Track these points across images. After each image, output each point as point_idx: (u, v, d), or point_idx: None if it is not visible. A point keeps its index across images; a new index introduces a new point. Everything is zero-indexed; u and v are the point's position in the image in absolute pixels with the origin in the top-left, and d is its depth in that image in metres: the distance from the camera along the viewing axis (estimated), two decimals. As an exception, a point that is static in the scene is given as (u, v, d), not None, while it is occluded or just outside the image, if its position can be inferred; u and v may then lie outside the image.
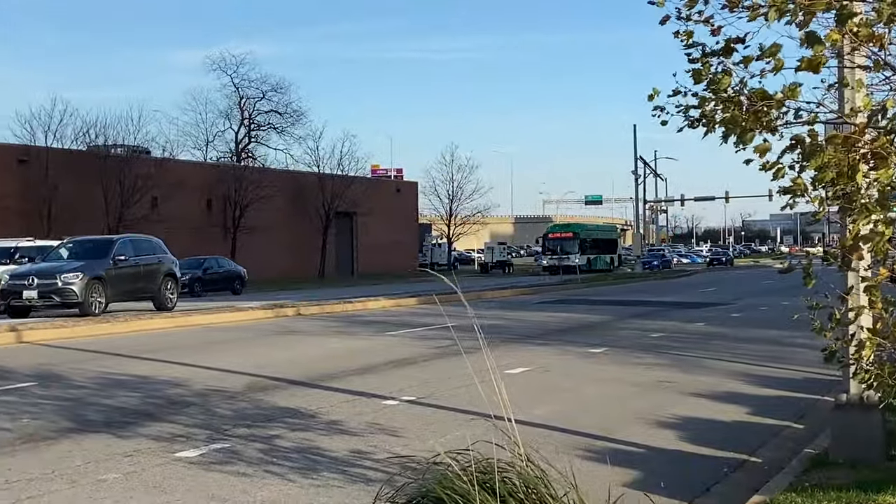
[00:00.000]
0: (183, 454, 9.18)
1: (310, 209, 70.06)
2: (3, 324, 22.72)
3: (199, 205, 63.53)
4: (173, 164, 62.03)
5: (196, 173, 65.22)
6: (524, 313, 29.64)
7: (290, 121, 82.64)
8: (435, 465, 5.00)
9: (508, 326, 23.62)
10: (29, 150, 52.98)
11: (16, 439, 9.95)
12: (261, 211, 64.76)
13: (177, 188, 58.52)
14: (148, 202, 56.62)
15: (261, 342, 20.96)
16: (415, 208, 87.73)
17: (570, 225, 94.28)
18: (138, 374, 15.24)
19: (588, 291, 45.85)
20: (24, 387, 13.87)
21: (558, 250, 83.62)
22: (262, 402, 12.37)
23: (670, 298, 38.39)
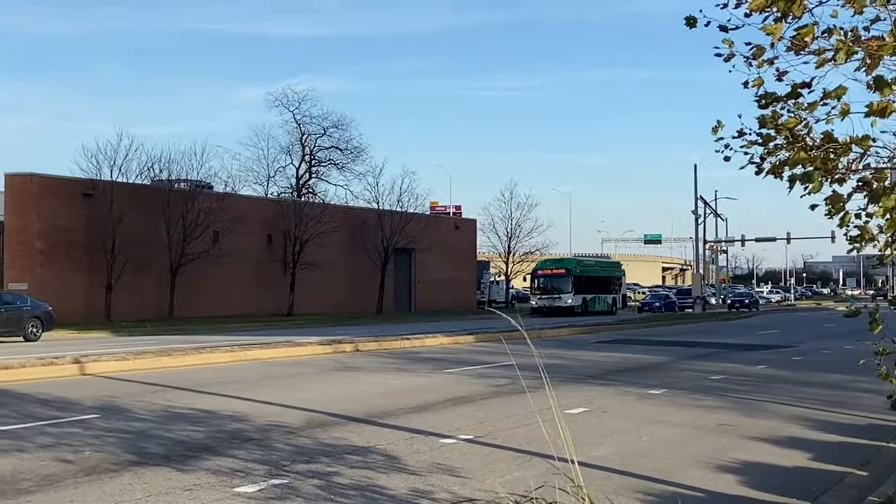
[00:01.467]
0: (242, 489, 9.23)
1: (368, 245, 70.28)
2: (67, 356, 23.01)
3: (259, 240, 64.01)
4: (235, 199, 62.65)
5: (257, 208, 65.77)
6: (582, 352, 29.47)
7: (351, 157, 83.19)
8: (497, 508, 4.98)
9: (566, 366, 23.50)
10: (94, 183, 53.68)
11: (78, 471, 10.06)
12: (320, 246, 65.06)
13: (238, 223, 59.11)
14: (210, 237, 57.24)
15: (320, 378, 21.03)
16: (473, 245, 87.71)
17: (564, 260, 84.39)
18: (199, 407, 15.35)
19: (646, 332, 45.48)
20: (87, 419, 14.03)
21: (549, 288, 75.78)
22: (320, 438, 12.41)
23: (730, 340, 37.97)
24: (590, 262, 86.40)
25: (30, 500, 8.68)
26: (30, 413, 14.58)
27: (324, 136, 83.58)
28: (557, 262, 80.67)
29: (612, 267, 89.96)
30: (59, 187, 52.64)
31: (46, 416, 14.30)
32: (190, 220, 55.61)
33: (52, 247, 51.27)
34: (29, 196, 50.89)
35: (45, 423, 13.47)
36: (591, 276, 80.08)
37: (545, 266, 79.55)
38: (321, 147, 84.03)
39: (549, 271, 77.57)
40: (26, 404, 15.63)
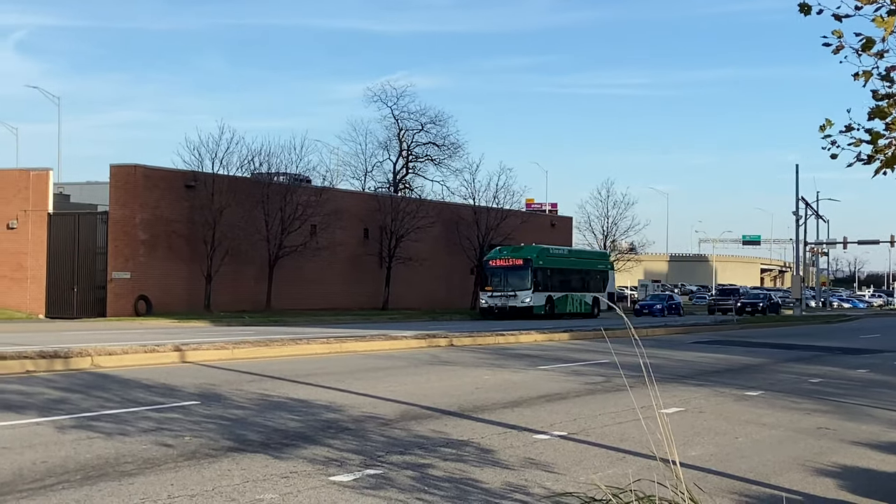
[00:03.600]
0: (337, 478, 9.31)
1: (464, 241, 70.37)
2: (168, 344, 23.46)
3: (355, 233, 64.56)
4: (332, 193, 63.21)
5: (354, 202, 66.28)
6: (677, 352, 29.15)
7: (448, 153, 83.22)
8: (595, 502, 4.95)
9: (662, 365, 23.26)
10: (196, 175, 54.61)
11: (178, 455, 10.25)
12: (416, 241, 65.39)
13: (335, 217, 59.68)
14: (307, 230, 57.91)
15: (414, 371, 21.12)
16: (569, 243, 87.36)
17: (523, 248, 64.66)
18: (296, 397, 15.53)
19: (743, 333, 44.81)
20: (188, 405, 14.29)
21: (502, 284, 60.84)
22: (414, 430, 12.46)
23: (831, 343, 37.25)
24: (560, 252, 68.84)
25: (132, 482, 8.86)
26: (132, 398, 14.90)
27: (421, 132, 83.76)
28: (515, 250, 63.83)
29: (594, 259, 73.21)
30: (162, 179, 53.69)
31: (148, 401, 14.61)
32: (288, 213, 56.29)
33: (154, 237, 52.30)
34: (133, 187, 51.98)
35: (147, 408, 13.76)
36: (562, 270, 65.88)
37: (500, 255, 63.29)
38: (418, 143, 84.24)
39: (503, 262, 62.04)
40: (129, 389, 15.98)
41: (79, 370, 18.99)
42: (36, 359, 18.97)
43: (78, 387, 16.13)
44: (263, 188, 56.54)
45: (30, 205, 51.69)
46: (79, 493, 8.41)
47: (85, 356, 19.87)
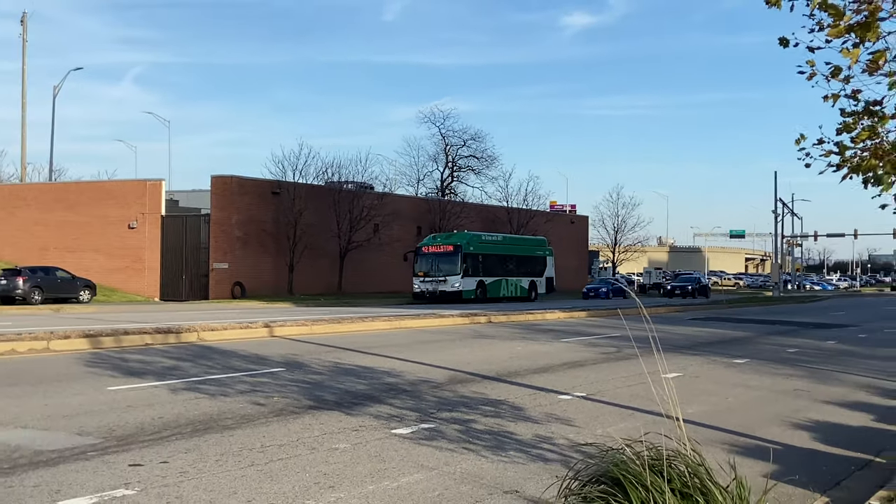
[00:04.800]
0: (397, 431, 9.34)
1: (499, 236, 70.41)
2: (259, 321, 23.63)
3: (410, 231, 64.64)
4: (391, 198, 63.43)
5: (409, 205, 66.42)
6: (676, 327, 28.94)
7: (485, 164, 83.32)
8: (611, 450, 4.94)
9: (662, 338, 22.84)
10: (280, 184, 54.99)
11: (269, 413, 10.33)
12: (460, 237, 65.39)
13: (393, 217, 59.88)
14: (371, 228, 58.16)
15: (459, 343, 21.13)
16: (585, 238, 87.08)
17: (454, 234, 55.69)
18: (362, 364, 15.60)
19: (732, 311, 44.38)
20: (275, 371, 14.39)
21: (433, 269, 52.41)
22: (460, 391, 12.47)
23: (804, 319, 36.80)
24: (493, 239, 58.77)
25: (232, 434, 8.94)
26: (231, 366, 15.02)
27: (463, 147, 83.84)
28: (447, 237, 55.43)
29: (531, 245, 62.41)
30: (252, 187, 54.04)
31: (244, 368, 14.72)
32: (355, 214, 56.55)
33: (246, 234, 52.70)
34: (229, 194, 52.36)
35: (242, 374, 13.87)
36: (496, 256, 56.58)
37: (431, 242, 54.78)
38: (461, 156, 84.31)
39: (435, 248, 53.59)
40: (228, 359, 16.11)
41: (187, 343, 19.17)
42: (153, 334, 19.18)
43: (187, 356, 16.29)
44: (335, 194, 56.81)
45: (146, 209, 52.19)
46: (189, 442, 8.51)
47: (192, 332, 20.06)
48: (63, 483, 6.86)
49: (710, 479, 4.61)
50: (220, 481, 7.03)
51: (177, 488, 6.79)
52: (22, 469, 7.28)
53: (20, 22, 64.41)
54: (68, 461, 7.62)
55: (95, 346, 17.51)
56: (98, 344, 17.63)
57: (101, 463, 7.56)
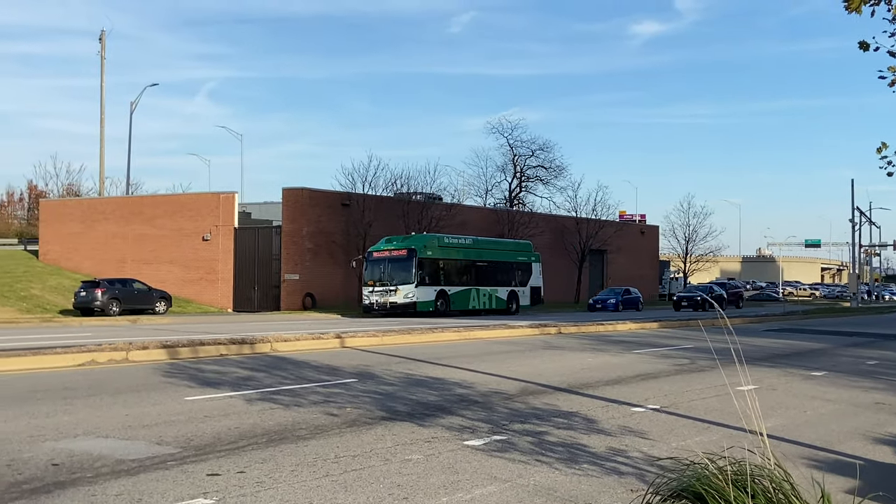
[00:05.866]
0: (470, 442, 9.33)
1: (568, 246, 70.23)
2: (330, 332, 23.84)
3: (479, 241, 64.67)
4: (460, 209, 63.63)
5: (477, 216, 66.49)
6: (751, 339, 28.42)
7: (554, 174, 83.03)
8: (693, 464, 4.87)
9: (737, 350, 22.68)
10: (350, 196, 55.52)
11: (342, 423, 10.40)
12: (529, 247, 65.25)
13: (462, 228, 59.94)
14: (440, 239, 58.25)
15: (529, 354, 21.05)
16: (656, 248, 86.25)
17: (411, 237, 48.16)
18: (433, 375, 15.63)
19: (808, 322, 43.46)
20: (348, 382, 14.49)
21: (383, 278, 45.34)
22: (532, 403, 12.42)
23: (884, 331, 35.86)
24: (459, 242, 49.69)
25: (306, 445, 9.03)
26: (304, 376, 15.18)
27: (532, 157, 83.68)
28: (403, 240, 46.93)
29: (511, 250, 53.92)
30: (322, 199, 54.64)
31: (316, 379, 14.86)
32: (424, 225, 56.75)
33: (317, 246, 53.28)
34: (300, 206, 53.01)
35: (315, 385, 14.00)
36: (464, 262, 48.76)
37: (383, 245, 46.91)
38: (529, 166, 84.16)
39: (385, 253, 45.99)
40: (301, 369, 16.27)
41: (261, 353, 19.42)
42: (228, 344, 19.48)
43: (261, 367, 16.51)
44: (404, 205, 57.14)
45: (220, 221, 53.10)
46: (265, 452, 8.61)
47: (266, 342, 20.32)
48: (144, 492, 7.00)
49: (796, 496, 4.51)
50: (295, 492, 7.11)
51: (254, 498, 6.88)
52: (104, 478, 7.45)
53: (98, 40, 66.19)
54: (148, 470, 7.77)
55: (173, 357, 17.84)
56: (175, 354, 17.96)
57: (180, 472, 7.69)
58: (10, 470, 7.69)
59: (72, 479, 7.37)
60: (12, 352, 16.80)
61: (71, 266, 56.51)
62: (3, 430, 9.66)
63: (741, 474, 4.53)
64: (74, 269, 55.72)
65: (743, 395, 5.30)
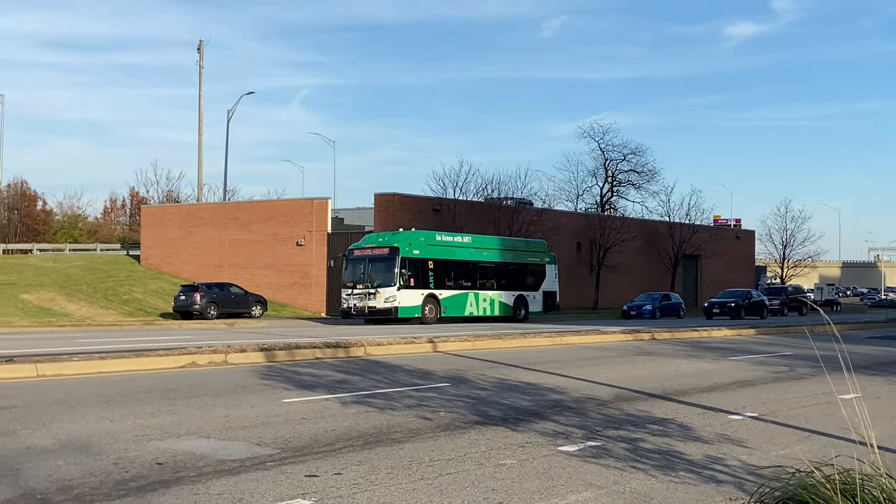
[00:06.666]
0: (563, 448, 9.29)
1: (661, 252, 69.40)
2: (423, 337, 23.98)
3: (570, 246, 64.35)
4: (551, 214, 63.53)
5: (568, 221, 66.23)
6: (852, 346, 27.53)
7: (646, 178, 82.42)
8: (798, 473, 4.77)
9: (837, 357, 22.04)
10: (441, 201, 55.86)
11: (435, 427, 10.46)
12: (620, 252, 64.88)
13: (553, 233, 59.74)
14: (531, 244, 58.12)
15: (622, 360, 20.85)
16: (752, 253, 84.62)
17: (397, 234, 42.91)
18: (526, 381, 15.59)
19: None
20: (440, 386, 14.56)
21: (362, 279, 41.13)
22: (626, 409, 12.30)
23: None
24: (453, 241, 44.36)
25: (401, 448, 9.11)
26: (397, 380, 15.30)
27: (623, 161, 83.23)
28: (387, 237, 42.58)
29: (521, 250, 48.45)
30: (414, 204, 55.05)
31: (410, 382, 14.96)
32: (515, 230, 56.75)
33: (409, 251, 53.53)
34: (392, 211, 53.48)
35: (409, 388, 14.10)
36: (460, 262, 43.66)
37: (364, 243, 42.93)
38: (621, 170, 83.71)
39: (367, 251, 41.77)
40: (394, 373, 16.41)
41: (355, 357, 19.66)
42: (323, 348, 19.77)
43: (355, 370, 16.70)
44: (495, 210, 57.19)
45: (313, 226, 53.94)
46: (360, 455, 8.72)
47: (359, 346, 20.56)
48: (245, 492, 7.16)
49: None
50: (391, 494, 7.18)
51: (351, 500, 6.98)
52: (206, 477, 7.64)
53: (197, 50, 67.95)
54: (248, 470, 7.94)
55: (270, 360, 18.18)
56: (272, 357, 18.31)
57: (279, 473, 7.84)
58: (118, 468, 7.94)
59: (176, 478, 7.58)
60: (118, 354, 17.35)
61: (171, 270, 58.10)
62: (110, 429, 9.99)
63: (849, 483, 4.42)
64: (174, 274, 57.27)
65: (845, 403, 5.17)
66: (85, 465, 8.05)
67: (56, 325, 40.48)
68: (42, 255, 65.50)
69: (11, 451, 8.64)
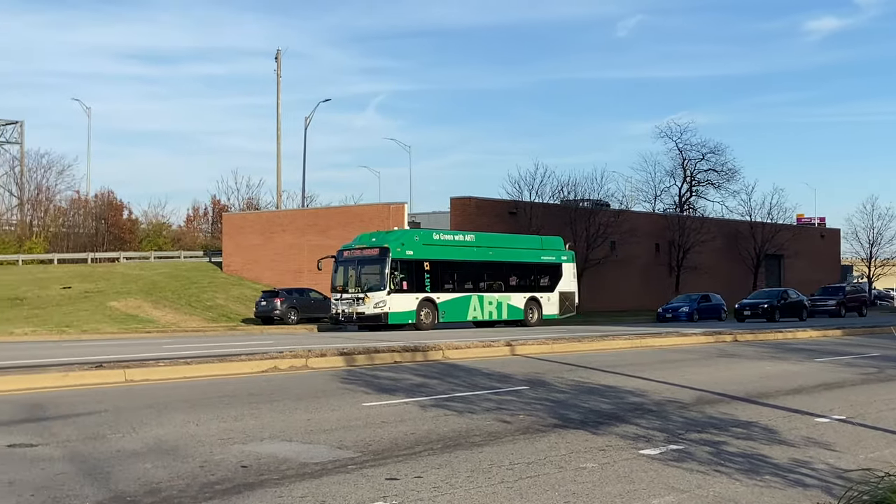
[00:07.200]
0: (645, 452, 9.19)
1: (742, 252, 68.30)
2: (500, 340, 23.97)
3: (647, 248, 63.78)
4: (628, 215, 63.01)
5: (646, 222, 65.58)
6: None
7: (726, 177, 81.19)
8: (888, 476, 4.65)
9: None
10: (517, 204, 55.83)
11: (515, 430, 10.44)
12: (700, 253, 64.02)
13: (630, 234, 59.29)
14: (607, 246, 57.83)
15: (704, 363, 20.54)
16: (837, 252, 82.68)
17: (390, 233, 40.17)
18: (605, 383, 15.47)
19: None
20: (519, 389, 14.53)
21: (351, 283, 38.05)
22: (708, 412, 12.12)
23: None
24: (452, 240, 41.02)
25: (480, 451, 9.12)
26: (475, 383, 15.31)
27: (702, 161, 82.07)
28: (378, 237, 39.58)
29: (534, 248, 44.32)
30: (490, 207, 55.14)
31: (488, 386, 14.97)
32: (592, 232, 56.46)
33: (485, 254, 53.56)
34: (468, 214, 53.63)
35: (487, 392, 14.11)
36: (461, 263, 40.13)
37: (355, 245, 39.78)
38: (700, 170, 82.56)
39: (357, 252, 38.80)
40: (472, 376, 16.42)
41: (433, 361, 19.72)
42: (401, 352, 19.89)
43: (433, 374, 16.75)
44: (571, 212, 56.90)
45: (390, 231, 54.36)
46: (440, 458, 8.75)
47: (437, 350, 20.63)
48: (327, 494, 7.24)
49: None
50: (471, 497, 7.19)
51: (432, 503, 7.01)
52: (290, 480, 7.75)
53: (274, 59, 69.02)
54: (330, 474, 8.03)
55: (349, 364, 18.37)
56: (352, 361, 18.49)
57: (360, 476, 7.92)
58: (203, 471, 8.10)
59: (259, 481, 7.70)
60: (202, 359, 17.70)
61: (251, 276, 59.09)
62: (196, 432, 10.20)
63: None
64: (255, 280, 58.23)
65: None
66: (172, 467, 8.23)
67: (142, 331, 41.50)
68: (128, 263, 67.19)
69: (102, 455, 8.88)
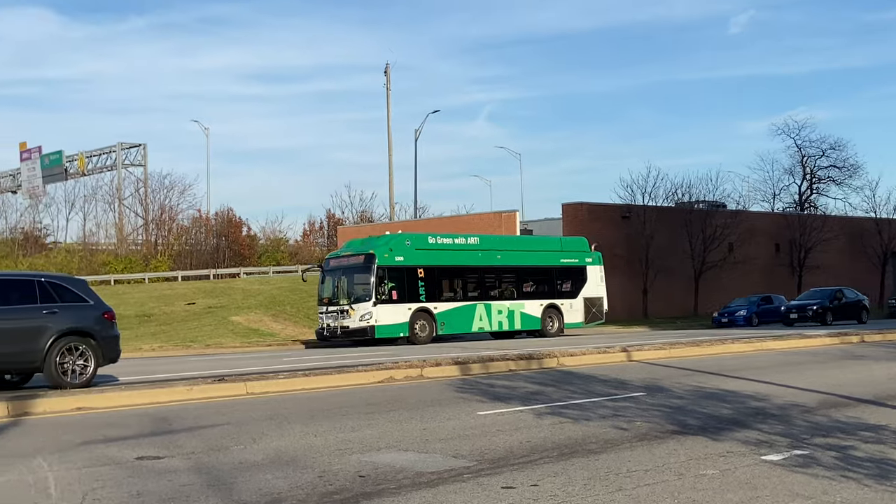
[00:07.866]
0: (768, 457, 8.95)
1: (867, 250, 65.80)
2: (616, 346, 23.67)
3: (767, 248, 62.15)
4: (746, 215, 61.57)
5: (765, 222, 63.97)
6: None
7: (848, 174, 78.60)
8: None
9: None
10: (630, 208, 55.15)
11: (632, 437, 10.30)
12: (822, 252, 62.10)
13: (748, 235, 57.91)
14: (725, 248, 56.64)
15: (829, 365, 19.86)
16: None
17: (380, 239, 35.98)
18: (725, 388, 15.11)
19: None
20: (636, 395, 14.33)
21: (336, 294, 34.43)
22: (834, 416, 11.71)
23: None
24: (452, 243, 36.47)
25: (597, 459, 9.02)
26: (591, 390, 15.16)
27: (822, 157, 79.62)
28: (367, 244, 35.68)
29: (552, 249, 39.87)
30: (602, 212, 54.59)
31: (604, 392, 14.80)
32: (708, 234, 55.41)
33: (599, 260, 53.08)
34: (579, 220, 53.20)
35: (603, 398, 13.95)
36: (463, 269, 35.93)
37: (341, 252, 37.08)
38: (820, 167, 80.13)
39: (343, 260, 35.16)
40: (588, 383, 16.27)
41: (548, 368, 19.62)
42: (516, 360, 19.84)
43: (548, 381, 16.66)
44: (686, 214, 55.96)
45: (502, 240, 54.37)
46: (556, 466, 8.69)
47: (552, 357, 20.51)
48: (444, 503, 7.28)
49: None
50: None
51: (548, 511, 6.97)
52: (406, 490, 7.82)
53: (384, 73, 69.97)
54: (446, 482, 8.07)
55: (464, 373, 18.42)
56: (466, 371, 18.54)
57: (476, 485, 7.92)
58: (322, 480, 8.24)
59: (377, 490, 7.79)
60: (320, 371, 18.03)
61: (367, 289, 59.86)
62: (314, 443, 10.38)
63: None
64: (370, 292, 58.98)
65: None
66: (292, 478, 8.40)
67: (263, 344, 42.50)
68: (248, 278, 68.98)
69: (225, 466, 9.13)
